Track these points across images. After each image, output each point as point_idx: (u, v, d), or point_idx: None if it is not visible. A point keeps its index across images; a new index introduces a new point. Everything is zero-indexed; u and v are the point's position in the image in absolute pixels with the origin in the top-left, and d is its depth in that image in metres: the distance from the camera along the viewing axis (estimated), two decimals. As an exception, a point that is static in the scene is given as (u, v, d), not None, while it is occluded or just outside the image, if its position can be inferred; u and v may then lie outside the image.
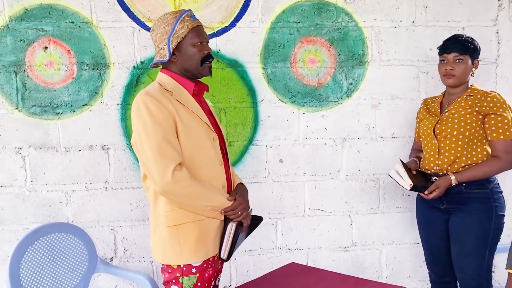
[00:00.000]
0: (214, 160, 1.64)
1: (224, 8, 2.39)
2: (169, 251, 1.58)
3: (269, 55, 2.44)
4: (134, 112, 1.56)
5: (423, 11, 2.50)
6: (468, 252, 1.97)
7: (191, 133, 1.58)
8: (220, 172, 1.66)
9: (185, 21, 1.60)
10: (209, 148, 1.62)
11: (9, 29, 2.27)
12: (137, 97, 1.57)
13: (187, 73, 1.66)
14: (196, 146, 1.59)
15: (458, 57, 2.00)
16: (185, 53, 1.62)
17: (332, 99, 2.50)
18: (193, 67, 1.64)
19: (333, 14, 2.46)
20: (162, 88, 1.60)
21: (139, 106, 1.54)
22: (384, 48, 2.50)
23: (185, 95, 1.63)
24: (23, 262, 1.93)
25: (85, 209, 2.40)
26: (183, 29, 1.59)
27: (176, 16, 1.60)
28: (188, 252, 1.56)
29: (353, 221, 2.59)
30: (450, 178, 1.95)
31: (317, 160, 2.52)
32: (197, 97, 1.69)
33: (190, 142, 1.57)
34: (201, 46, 1.63)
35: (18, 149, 2.34)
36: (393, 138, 2.55)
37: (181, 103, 1.59)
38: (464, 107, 1.99)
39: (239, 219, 1.62)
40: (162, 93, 1.57)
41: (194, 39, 1.61)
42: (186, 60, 1.62)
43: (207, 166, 1.62)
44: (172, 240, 1.57)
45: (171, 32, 1.59)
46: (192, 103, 1.63)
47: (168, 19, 1.61)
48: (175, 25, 1.59)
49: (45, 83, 2.32)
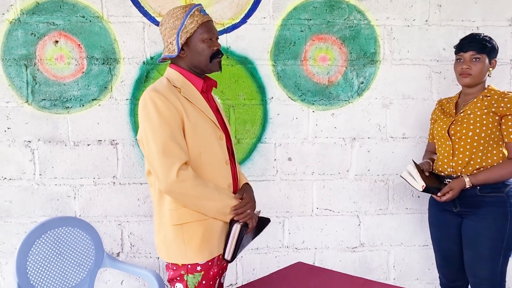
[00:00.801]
0: (220, 159, 1.62)
1: (235, 4, 2.38)
2: (174, 249, 1.57)
3: (279, 52, 2.42)
4: (141, 108, 1.54)
5: (437, 10, 2.46)
6: (482, 257, 1.93)
7: (198, 131, 1.56)
8: (226, 171, 1.64)
9: (195, 16, 1.57)
10: (216, 146, 1.60)
11: (20, 22, 2.28)
12: (144, 93, 1.55)
13: (196, 69, 1.63)
14: (203, 145, 1.57)
15: (475, 56, 1.95)
16: (194, 48, 1.59)
17: (342, 97, 2.47)
18: (202, 63, 1.61)
19: (345, 11, 2.43)
20: (170, 84, 1.58)
21: (147, 103, 1.52)
22: (397, 47, 2.47)
23: (193, 92, 1.61)
24: (30, 255, 1.94)
25: (92, 204, 2.41)
26: (192, 24, 1.56)
27: (185, 11, 1.57)
28: (193, 251, 1.55)
29: (361, 222, 2.56)
30: (464, 180, 1.90)
31: (326, 159, 2.50)
32: (205, 94, 1.66)
33: (196, 140, 1.55)
34: (210, 42, 1.60)
35: (27, 143, 2.34)
36: (404, 138, 2.52)
37: (189, 100, 1.57)
38: (480, 107, 1.95)
39: (245, 219, 1.60)
40: (170, 90, 1.55)
41: (204, 34, 1.58)
42: (195, 56, 1.60)
43: (213, 165, 1.60)
44: (177, 239, 1.56)
45: (180, 27, 1.55)
46: (200, 100, 1.61)
47: (177, 14, 1.57)
48: (184, 19, 1.55)
49: (55, 77, 2.33)
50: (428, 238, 2.49)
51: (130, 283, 2.49)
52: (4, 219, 2.37)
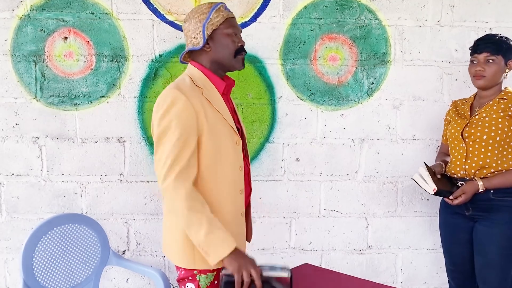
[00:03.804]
0: (234, 165, 1.58)
1: (245, 2, 2.36)
2: (182, 254, 1.54)
3: (289, 51, 2.40)
4: (160, 104, 1.49)
5: (450, 11, 2.43)
6: (492, 263, 1.89)
7: (215, 134, 1.52)
8: (239, 178, 1.59)
9: (220, 11, 1.57)
10: (231, 152, 1.56)
11: (30, 18, 2.28)
12: (167, 90, 1.50)
13: (219, 66, 1.60)
14: (218, 149, 1.53)
15: (489, 57, 1.91)
16: (219, 42, 1.57)
17: (352, 98, 2.45)
18: (226, 58, 1.58)
19: (356, 11, 2.40)
20: (193, 83, 1.54)
21: (166, 100, 1.47)
22: (408, 48, 2.44)
23: (215, 94, 1.57)
24: (36, 252, 1.94)
25: (99, 201, 2.40)
26: (218, 17, 1.55)
27: (211, 6, 1.57)
28: (202, 257, 1.49)
29: (369, 224, 2.53)
30: (477, 184, 1.87)
31: (335, 160, 2.48)
32: (224, 97, 1.63)
33: (212, 143, 1.52)
34: (235, 37, 1.59)
35: (35, 139, 2.34)
36: (414, 140, 2.49)
37: (209, 102, 1.53)
38: (496, 110, 1.91)
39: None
40: (193, 90, 1.51)
41: (229, 29, 1.57)
42: (220, 50, 1.57)
43: (227, 170, 1.56)
44: (186, 243, 1.52)
45: (206, 20, 1.54)
46: (220, 103, 1.57)
47: (203, 9, 1.57)
48: (210, 13, 1.55)
49: (64, 74, 2.33)
50: (437, 241, 2.47)
51: (135, 281, 2.48)
52: (11, 215, 2.37)
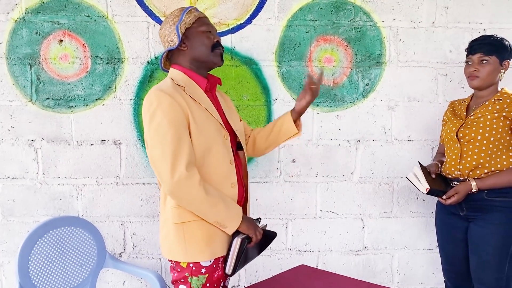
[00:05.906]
0: (224, 159, 1.61)
1: (240, 4, 2.36)
2: (175, 247, 1.57)
3: (284, 53, 2.41)
4: (146, 108, 1.54)
5: (444, 12, 2.44)
6: (487, 263, 1.90)
7: (203, 130, 1.56)
8: (229, 171, 1.62)
9: (192, 12, 1.65)
10: (220, 146, 1.60)
11: (25, 21, 2.28)
12: (150, 93, 1.55)
13: (199, 64, 1.64)
14: (207, 144, 1.56)
15: (483, 58, 1.92)
16: (194, 39, 1.63)
17: (347, 99, 2.46)
18: (204, 54, 1.63)
19: (350, 13, 2.41)
20: (174, 83, 1.58)
21: (152, 102, 1.52)
22: (402, 49, 2.45)
23: (198, 91, 1.61)
24: (32, 255, 1.93)
25: (95, 204, 2.40)
26: (190, 17, 1.63)
27: (182, 9, 1.66)
28: (194, 250, 1.54)
29: (365, 225, 2.54)
30: (470, 184, 1.88)
31: (330, 161, 2.48)
32: (209, 94, 1.67)
33: (201, 139, 1.55)
34: (210, 34, 1.65)
35: (31, 142, 2.34)
36: (409, 141, 2.50)
37: (193, 99, 1.57)
38: (491, 111, 1.91)
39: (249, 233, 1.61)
40: (175, 89, 1.55)
41: (202, 27, 1.65)
42: (196, 47, 1.63)
43: (218, 164, 1.59)
44: (178, 237, 1.56)
45: (179, 21, 1.61)
46: (204, 99, 1.61)
47: (175, 13, 1.65)
48: (182, 15, 1.63)
49: (59, 76, 2.32)
50: (433, 242, 2.48)
51: (132, 283, 2.48)
52: (7, 218, 2.36)
